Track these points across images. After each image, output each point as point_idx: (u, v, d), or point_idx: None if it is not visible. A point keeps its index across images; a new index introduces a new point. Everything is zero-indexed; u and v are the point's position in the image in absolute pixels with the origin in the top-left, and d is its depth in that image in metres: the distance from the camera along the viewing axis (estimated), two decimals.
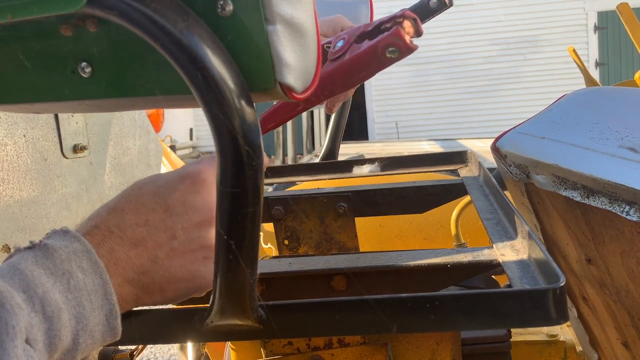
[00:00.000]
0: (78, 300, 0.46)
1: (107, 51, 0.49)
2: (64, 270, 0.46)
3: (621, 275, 0.82)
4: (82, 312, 0.47)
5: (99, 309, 0.48)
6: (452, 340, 0.87)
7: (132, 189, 0.55)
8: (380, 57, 0.54)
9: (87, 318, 0.47)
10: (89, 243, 0.49)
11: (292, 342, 0.82)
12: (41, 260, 0.46)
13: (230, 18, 0.45)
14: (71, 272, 0.47)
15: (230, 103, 0.43)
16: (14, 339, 0.41)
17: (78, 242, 0.48)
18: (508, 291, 0.52)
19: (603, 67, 11.37)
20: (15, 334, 0.41)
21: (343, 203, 1.07)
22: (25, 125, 1.11)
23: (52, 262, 0.46)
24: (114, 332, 0.50)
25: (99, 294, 0.48)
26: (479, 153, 1.28)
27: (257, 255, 0.50)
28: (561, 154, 0.83)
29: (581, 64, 1.97)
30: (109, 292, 0.48)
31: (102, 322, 0.48)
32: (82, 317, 0.47)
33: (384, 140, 11.27)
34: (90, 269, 0.48)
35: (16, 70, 0.53)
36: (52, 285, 0.45)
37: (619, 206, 0.74)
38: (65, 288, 0.46)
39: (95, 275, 0.48)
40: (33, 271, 0.45)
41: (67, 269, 0.47)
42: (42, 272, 0.45)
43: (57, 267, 0.46)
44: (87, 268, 0.48)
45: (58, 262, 0.46)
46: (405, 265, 0.74)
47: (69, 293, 0.46)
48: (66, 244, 0.48)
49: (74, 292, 0.46)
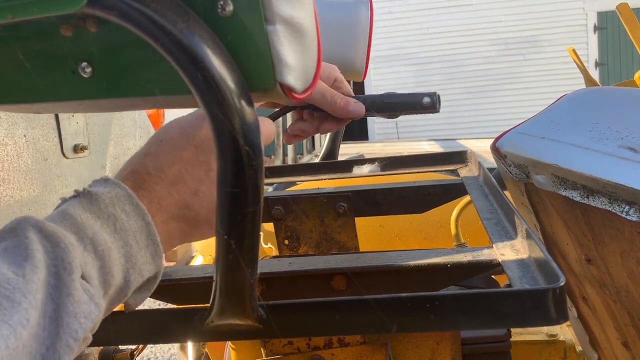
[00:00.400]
0: (125, 240, 0.49)
1: (107, 51, 0.49)
2: (109, 213, 0.49)
3: (621, 275, 0.82)
4: (129, 252, 0.49)
5: (145, 248, 0.51)
6: (452, 340, 0.87)
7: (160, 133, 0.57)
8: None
9: (135, 257, 0.50)
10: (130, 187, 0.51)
11: (292, 342, 0.82)
12: (87, 206, 0.49)
13: (231, 18, 0.45)
14: (116, 216, 0.49)
15: (230, 103, 0.43)
16: (71, 274, 0.43)
17: (119, 188, 0.51)
18: (508, 291, 0.52)
19: (603, 67, 11.37)
20: (72, 269, 0.44)
21: (343, 203, 1.07)
22: (26, 125, 1.11)
23: (97, 206, 0.49)
24: (158, 271, 0.53)
25: (143, 234, 0.50)
26: (478, 153, 1.28)
27: (257, 255, 0.50)
28: (561, 153, 0.83)
29: (581, 64, 1.97)
30: (153, 233, 0.51)
31: (148, 261, 0.51)
32: (130, 256, 0.49)
33: (384, 140, 11.27)
34: (133, 212, 0.50)
35: (16, 70, 0.53)
36: (99, 227, 0.48)
37: (618, 206, 0.74)
38: (112, 229, 0.49)
39: (138, 217, 0.50)
40: (81, 215, 0.48)
41: (112, 213, 0.49)
42: (89, 216, 0.48)
43: (102, 211, 0.49)
44: (130, 211, 0.50)
45: (102, 206, 0.49)
46: (405, 265, 0.74)
47: (115, 234, 0.49)
48: (108, 190, 0.50)
49: (121, 233, 0.49)
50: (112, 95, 0.51)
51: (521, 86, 11.47)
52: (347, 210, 1.07)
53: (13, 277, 0.41)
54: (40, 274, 0.42)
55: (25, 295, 0.40)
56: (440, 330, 0.85)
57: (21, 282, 0.41)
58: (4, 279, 0.40)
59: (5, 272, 0.41)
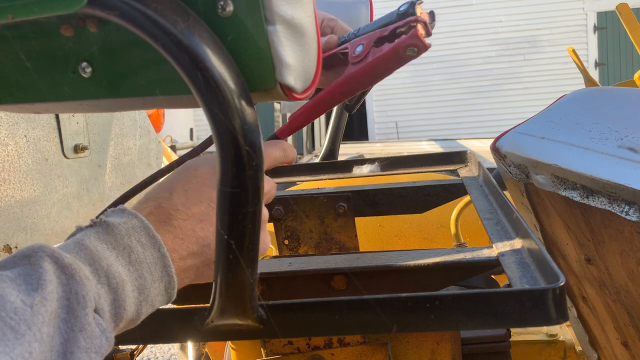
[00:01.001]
0: (139, 273, 0.49)
1: (107, 51, 0.49)
2: (125, 245, 0.49)
3: (621, 275, 0.82)
4: (143, 284, 0.49)
5: (159, 281, 0.51)
6: (452, 339, 0.87)
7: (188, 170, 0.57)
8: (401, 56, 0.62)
9: (148, 289, 0.50)
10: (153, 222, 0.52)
11: (292, 342, 0.82)
12: (103, 236, 0.49)
13: (231, 18, 0.45)
14: (131, 247, 0.49)
15: (230, 103, 0.43)
16: (84, 308, 0.43)
17: (135, 219, 0.51)
18: (508, 291, 0.52)
19: (602, 67, 11.37)
20: (85, 303, 0.44)
21: (343, 203, 1.08)
22: (27, 126, 1.11)
23: (113, 237, 0.49)
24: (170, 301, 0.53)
25: (158, 267, 0.50)
26: (478, 153, 1.28)
27: (257, 255, 0.50)
28: (561, 154, 0.83)
29: (581, 64, 1.97)
30: (168, 265, 0.51)
31: (161, 293, 0.51)
32: (143, 289, 0.49)
33: (384, 140, 11.26)
34: (148, 244, 0.50)
35: (17, 71, 0.53)
36: (114, 259, 0.48)
37: (618, 206, 0.74)
38: (127, 261, 0.49)
39: (154, 249, 0.50)
40: (97, 246, 0.48)
41: (128, 244, 0.49)
42: (105, 247, 0.48)
43: (118, 242, 0.49)
44: (146, 243, 0.50)
45: (119, 237, 0.49)
46: (405, 265, 0.74)
47: (130, 266, 0.49)
48: (125, 220, 0.50)
49: (135, 265, 0.49)
50: (112, 95, 0.51)
51: (521, 86, 11.46)
52: (347, 210, 1.08)
53: (21, 306, 0.40)
54: (49, 306, 0.41)
55: (30, 328, 0.40)
56: (440, 330, 0.85)
57: (28, 313, 0.40)
58: (11, 308, 0.40)
59: (14, 300, 0.40)
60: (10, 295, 0.40)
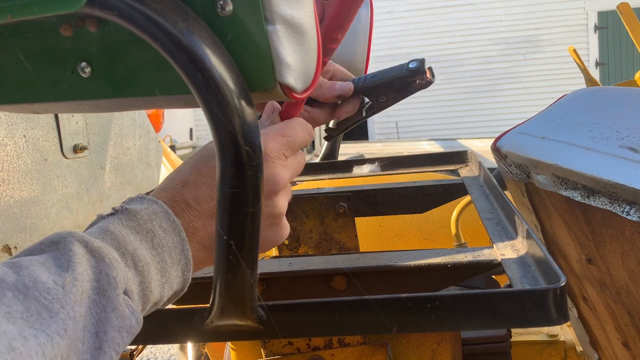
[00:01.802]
0: (161, 257, 0.51)
1: (106, 51, 0.49)
2: (147, 229, 0.50)
3: (621, 275, 0.82)
4: (165, 267, 0.51)
5: (177, 264, 0.52)
6: (452, 340, 0.87)
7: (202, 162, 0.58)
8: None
9: (168, 272, 0.51)
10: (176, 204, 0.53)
11: (292, 342, 0.82)
12: (126, 222, 0.50)
13: (230, 18, 0.45)
14: (154, 231, 0.51)
15: (230, 103, 0.43)
16: (115, 289, 0.45)
17: (156, 205, 0.52)
18: (508, 291, 0.52)
19: (603, 67, 11.37)
20: (116, 284, 0.45)
21: (343, 203, 1.07)
22: (26, 126, 1.11)
23: (136, 222, 0.50)
24: (185, 284, 0.54)
25: (177, 250, 0.52)
26: (479, 153, 1.28)
27: (257, 255, 0.50)
28: (561, 153, 0.83)
29: (581, 64, 1.97)
30: (186, 249, 0.52)
31: (179, 275, 0.52)
32: (165, 272, 0.51)
33: (384, 140, 11.27)
34: (169, 228, 0.52)
35: (16, 70, 0.53)
36: (139, 243, 0.49)
37: (619, 206, 0.74)
38: (150, 245, 0.50)
39: (175, 233, 0.52)
40: (121, 231, 0.49)
41: (150, 228, 0.50)
42: (129, 232, 0.49)
43: (141, 227, 0.50)
44: (167, 227, 0.51)
45: (141, 222, 0.50)
46: (405, 265, 0.74)
47: (153, 250, 0.50)
48: (146, 206, 0.52)
49: (158, 249, 0.50)
50: (112, 95, 0.51)
51: (521, 86, 11.47)
52: (347, 210, 1.07)
53: (53, 286, 0.41)
54: (80, 287, 0.43)
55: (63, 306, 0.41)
56: (441, 331, 0.85)
57: (60, 293, 0.41)
58: (44, 288, 0.41)
59: (46, 281, 0.41)
60: (42, 276, 0.41)
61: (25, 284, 0.40)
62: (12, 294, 0.40)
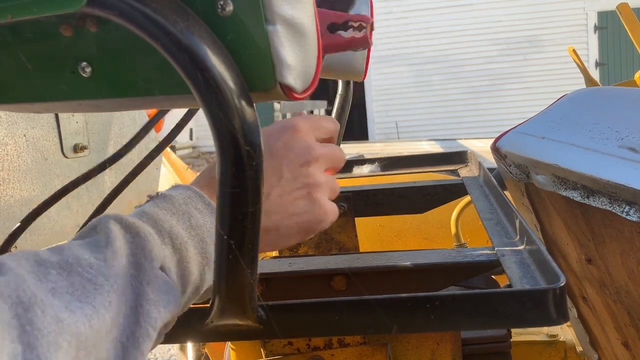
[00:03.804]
0: (201, 237, 0.50)
1: (107, 51, 0.49)
2: (184, 211, 0.51)
3: (621, 275, 0.82)
4: (205, 248, 0.50)
5: None
6: (452, 340, 0.87)
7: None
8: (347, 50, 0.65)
9: (210, 253, 0.50)
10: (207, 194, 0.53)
11: (292, 342, 0.82)
12: (162, 204, 0.51)
13: (230, 18, 0.45)
14: (190, 213, 0.51)
15: (230, 103, 0.43)
16: (151, 261, 0.45)
17: (190, 190, 0.53)
18: (508, 291, 0.52)
19: (603, 67, 11.37)
20: (152, 257, 0.45)
21: (343, 203, 1.07)
22: (26, 125, 1.11)
23: (171, 204, 0.51)
24: None
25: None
26: (479, 153, 1.28)
27: (257, 255, 0.50)
28: (561, 154, 0.83)
29: (581, 64, 1.97)
30: None
31: None
32: (205, 253, 0.50)
33: (384, 140, 11.27)
34: (205, 210, 0.52)
35: (16, 70, 0.53)
36: (176, 222, 0.50)
37: (619, 206, 0.74)
38: (188, 225, 0.50)
39: (211, 215, 0.52)
40: (157, 212, 0.50)
41: (186, 210, 0.51)
42: (165, 212, 0.50)
43: (177, 209, 0.51)
44: (203, 209, 0.52)
45: (177, 204, 0.51)
46: (405, 265, 0.74)
47: (191, 229, 0.50)
48: (180, 191, 0.52)
49: (196, 229, 0.50)
50: (112, 95, 0.51)
51: (521, 86, 11.47)
52: (347, 210, 1.07)
53: (95, 261, 0.42)
54: (121, 260, 0.44)
55: (107, 279, 0.42)
56: (441, 331, 0.85)
57: (103, 266, 0.42)
58: (87, 264, 0.42)
59: (87, 257, 0.43)
60: (84, 254, 0.43)
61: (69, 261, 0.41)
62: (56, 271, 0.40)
